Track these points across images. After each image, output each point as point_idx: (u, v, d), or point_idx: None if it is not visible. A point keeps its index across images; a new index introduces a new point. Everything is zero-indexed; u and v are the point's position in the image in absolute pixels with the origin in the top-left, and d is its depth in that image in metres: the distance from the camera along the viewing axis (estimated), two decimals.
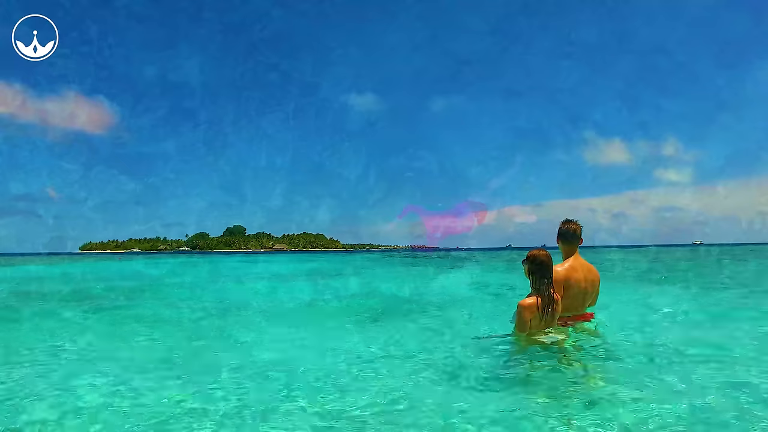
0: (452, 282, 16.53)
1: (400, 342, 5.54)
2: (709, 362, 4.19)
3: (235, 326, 6.71)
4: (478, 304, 8.99)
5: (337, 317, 7.82)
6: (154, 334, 6.02)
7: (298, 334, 6.14)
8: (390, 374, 4.05)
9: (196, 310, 8.63)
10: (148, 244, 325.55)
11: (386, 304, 9.43)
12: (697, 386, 3.53)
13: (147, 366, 4.42)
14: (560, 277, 4.51)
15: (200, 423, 3.03)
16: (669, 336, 5.30)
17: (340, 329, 6.61)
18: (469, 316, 7.32)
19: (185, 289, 12.77)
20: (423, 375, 4.02)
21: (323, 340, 5.81)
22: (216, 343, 5.68)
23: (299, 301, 10.19)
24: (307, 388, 3.67)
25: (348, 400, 3.40)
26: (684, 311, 7.37)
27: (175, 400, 3.39)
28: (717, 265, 22.11)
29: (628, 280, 13.12)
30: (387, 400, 3.31)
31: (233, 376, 4.10)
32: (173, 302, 9.72)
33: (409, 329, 6.35)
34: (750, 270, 18.75)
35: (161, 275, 22.12)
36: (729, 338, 5.22)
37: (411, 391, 3.53)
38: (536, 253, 4.38)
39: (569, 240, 4.76)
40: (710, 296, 9.64)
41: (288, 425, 2.96)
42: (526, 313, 4.22)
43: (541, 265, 4.31)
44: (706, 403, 3.16)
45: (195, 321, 7.51)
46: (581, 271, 4.64)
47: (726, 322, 6.52)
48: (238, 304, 9.44)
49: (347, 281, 17.15)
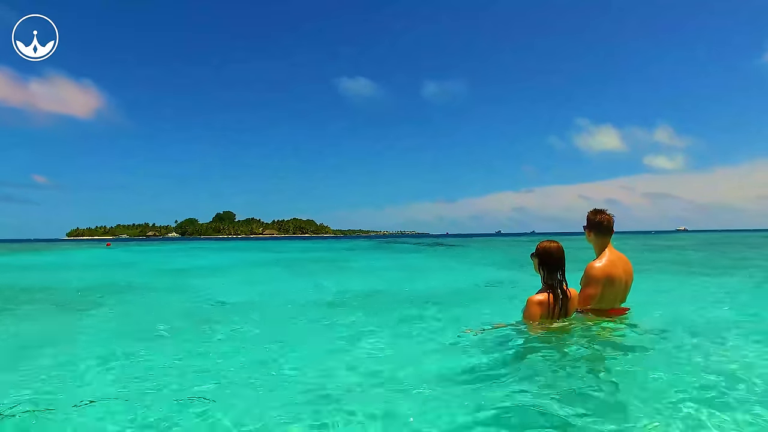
0: (443, 271, 15.88)
1: (381, 335, 5.05)
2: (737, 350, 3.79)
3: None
4: (470, 295, 8.37)
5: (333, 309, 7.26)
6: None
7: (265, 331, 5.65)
8: (374, 372, 3.62)
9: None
10: (137, 230, 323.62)
11: (369, 294, 8.68)
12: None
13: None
14: (600, 274, 4.12)
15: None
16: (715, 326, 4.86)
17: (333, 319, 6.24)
18: (464, 309, 6.80)
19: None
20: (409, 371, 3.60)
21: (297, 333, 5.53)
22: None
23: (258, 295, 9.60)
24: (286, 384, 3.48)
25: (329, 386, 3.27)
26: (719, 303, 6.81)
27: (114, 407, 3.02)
28: (703, 252, 21.98)
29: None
30: (370, 398, 3.07)
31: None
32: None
33: (392, 320, 5.91)
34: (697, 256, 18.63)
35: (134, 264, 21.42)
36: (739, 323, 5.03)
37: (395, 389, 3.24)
38: (547, 245, 4.01)
39: (604, 232, 4.35)
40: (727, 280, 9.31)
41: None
42: (535, 309, 3.85)
43: (553, 258, 3.92)
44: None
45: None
46: (620, 264, 4.27)
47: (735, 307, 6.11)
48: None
49: (338, 272, 16.60)
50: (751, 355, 3.73)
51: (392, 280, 11.92)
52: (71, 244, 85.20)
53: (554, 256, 3.94)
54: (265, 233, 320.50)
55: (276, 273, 16.36)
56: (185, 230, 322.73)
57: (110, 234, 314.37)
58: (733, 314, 5.79)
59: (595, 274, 4.11)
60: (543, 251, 3.97)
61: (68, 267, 21.59)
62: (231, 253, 34.27)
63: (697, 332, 4.47)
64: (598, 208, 4.46)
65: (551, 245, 3.99)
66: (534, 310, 3.84)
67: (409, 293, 8.86)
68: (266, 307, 7.77)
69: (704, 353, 3.74)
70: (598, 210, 4.45)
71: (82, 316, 7.02)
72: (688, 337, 4.26)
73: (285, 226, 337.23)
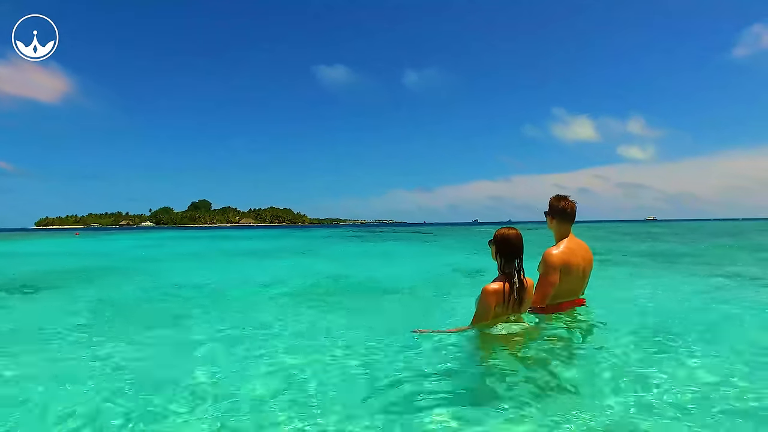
0: (410, 260, 15.34)
1: (320, 332, 4.73)
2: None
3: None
4: (434, 286, 7.95)
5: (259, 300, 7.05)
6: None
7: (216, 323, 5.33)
8: (300, 376, 3.32)
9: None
10: (110, 219, 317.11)
11: (327, 286, 8.46)
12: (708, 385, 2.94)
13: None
14: (558, 261, 3.99)
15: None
16: (663, 323, 4.58)
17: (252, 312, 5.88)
18: (421, 302, 6.50)
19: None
20: (342, 375, 3.33)
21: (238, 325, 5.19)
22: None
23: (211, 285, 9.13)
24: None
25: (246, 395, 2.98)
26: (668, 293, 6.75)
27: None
28: (668, 242, 22.07)
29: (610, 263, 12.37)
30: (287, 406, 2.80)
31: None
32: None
33: (342, 316, 5.55)
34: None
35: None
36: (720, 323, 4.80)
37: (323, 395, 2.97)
38: (505, 232, 3.78)
39: (566, 219, 4.22)
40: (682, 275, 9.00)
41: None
42: (490, 299, 3.58)
43: (511, 246, 3.69)
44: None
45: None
46: (579, 252, 4.13)
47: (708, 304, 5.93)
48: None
49: (297, 259, 16.21)
50: (696, 357, 3.49)
51: (356, 270, 11.58)
52: (39, 234, 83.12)
53: (512, 244, 3.70)
54: (242, 222, 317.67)
55: (234, 262, 15.98)
56: (160, 219, 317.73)
57: (81, 223, 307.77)
58: (691, 310, 5.55)
59: (553, 261, 3.98)
60: (501, 238, 3.75)
61: (23, 255, 20.84)
62: (199, 242, 33.98)
63: (651, 330, 4.26)
64: (562, 195, 4.33)
65: (509, 232, 3.76)
66: (489, 299, 3.59)
67: (370, 284, 8.52)
68: (211, 297, 7.46)
69: (650, 354, 3.61)
70: (561, 196, 4.31)
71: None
72: (640, 336, 4.04)
73: (262, 214, 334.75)
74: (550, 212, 4.28)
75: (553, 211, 4.26)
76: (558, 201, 4.26)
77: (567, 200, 4.26)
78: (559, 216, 4.22)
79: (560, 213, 4.21)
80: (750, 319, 4.97)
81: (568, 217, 4.21)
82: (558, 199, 4.28)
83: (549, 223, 4.32)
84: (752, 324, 4.82)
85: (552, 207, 4.28)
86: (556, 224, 4.24)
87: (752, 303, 5.76)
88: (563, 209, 4.21)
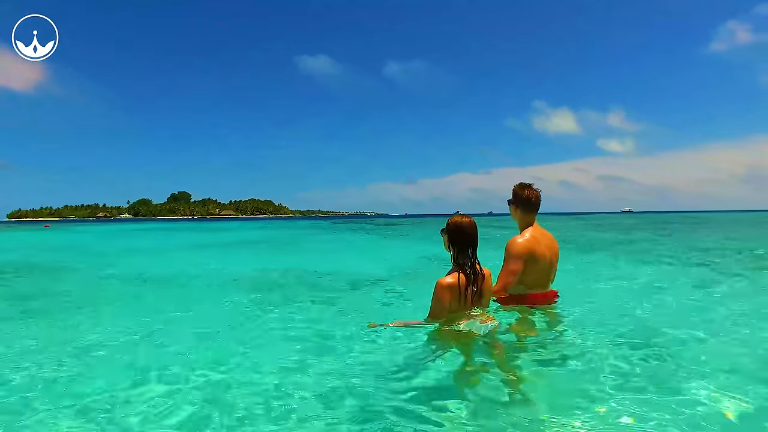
0: (381, 253, 14.67)
1: (269, 329, 4.47)
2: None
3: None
4: (399, 280, 7.62)
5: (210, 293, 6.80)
6: None
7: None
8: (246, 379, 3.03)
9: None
10: (86, 211, 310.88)
11: (286, 279, 8.00)
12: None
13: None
14: (522, 251, 3.84)
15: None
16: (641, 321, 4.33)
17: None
18: (383, 295, 6.18)
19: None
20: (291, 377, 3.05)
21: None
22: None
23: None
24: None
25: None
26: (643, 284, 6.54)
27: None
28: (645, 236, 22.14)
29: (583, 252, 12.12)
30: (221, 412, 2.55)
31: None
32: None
33: (299, 312, 5.23)
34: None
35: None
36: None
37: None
38: (458, 219, 3.55)
39: (530, 209, 4.08)
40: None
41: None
42: (444, 293, 3.31)
43: (465, 234, 3.48)
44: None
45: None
46: (544, 241, 4.00)
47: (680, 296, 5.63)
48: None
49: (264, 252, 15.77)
50: (684, 358, 3.20)
51: (322, 261, 11.45)
52: (8, 226, 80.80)
53: (466, 232, 3.48)
54: (223, 214, 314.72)
55: (202, 254, 15.59)
56: (138, 211, 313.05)
57: (57, 215, 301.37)
58: (670, 304, 5.28)
59: (517, 250, 3.85)
60: (454, 227, 3.53)
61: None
62: (173, 234, 33.45)
63: (628, 328, 3.97)
64: (525, 183, 4.17)
65: (463, 220, 3.54)
66: (443, 294, 3.31)
67: (333, 277, 8.29)
68: (169, 289, 7.31)
69: (628, 355, 3.30)
70: (525, 184, 4.16)
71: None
72: (617, 335, 3.78)
73: (242, 206, 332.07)
74: (514, 201, 4.14)
75: (516, 199, 4.12)
76: (522, 189, 4.12)
77: (531, 189, 4.12)
78: (523, 205, 4.08)
79: (524, 202, 4.08)
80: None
81: (532, 207, 4.08)
82: (522, 187, 4.14)
83: (513, 212, 4.19)
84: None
85: (516, 196, 4.14)
86: (520, 213, 4.11)
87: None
88: (527, 198, 4.07)
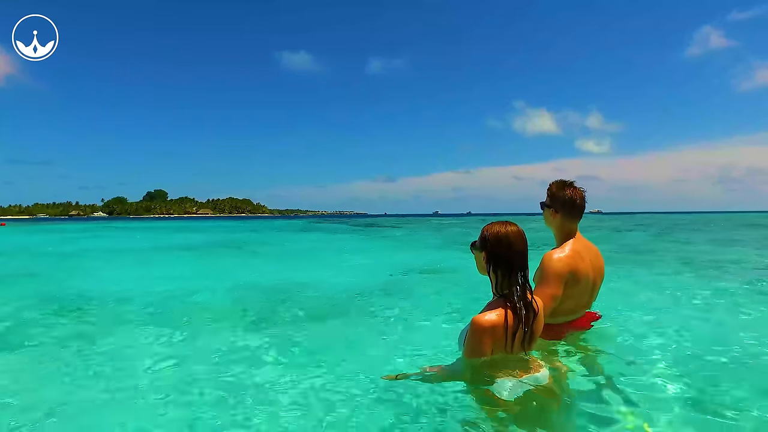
0: (369, 262, 12.34)
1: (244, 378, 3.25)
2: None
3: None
4: (403, 299, 6.14)
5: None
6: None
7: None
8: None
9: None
10: (58, 209, 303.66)
11: (252, 296, 6.67)
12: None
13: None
14: (564, 269, 2.94)
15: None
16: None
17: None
18: (385, 326, 4.76)
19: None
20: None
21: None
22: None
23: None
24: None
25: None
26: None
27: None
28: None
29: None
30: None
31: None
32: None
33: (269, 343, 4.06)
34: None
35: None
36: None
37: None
38: (500, 229, 2.39)
39: (574, 213, 3.15)
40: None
41: None
42: (485, 337, 2.27)
43: (512, 251, 2.36)
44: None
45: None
46: (588, 257, 3.11)
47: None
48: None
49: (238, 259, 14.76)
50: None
51: (290, 270, 10.22)
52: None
53: (514, 249, 2.36)
54: (200, 213, 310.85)
55: (163, 259, 14.33)
56: (113, 210, 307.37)
57: (27, 213, 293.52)
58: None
59: (557, 269, 2.93)
60: (495, 240, 2.39)
61: None
62: (141, 234, 31.76)
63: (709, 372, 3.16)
64: (566, 180, 3.23)
65: (508, 229, 2.40)
66: (483, 338, 2.27)
67: (310, 291, 6.93)
68: (110, 301, 6.35)
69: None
70: (566, 182, 3.21)
71: None
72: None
73: (220, 205, 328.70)
74: (552, 203, 3.19)
75: (556, 202, 3.17)
76: (563, 189, 3.18)
77: (574, 188, 3.18)
78: (567, 209, 3.14)
79: (568, 205, 3.13)
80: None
81: (576, 211, 3.16)
82: (562, 186, 3.20)
83: (549, 219, 3.24)
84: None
85: (554, 197, 3.18)
86: (560, 220, 3.17)
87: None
88: (571, 200, 3.13)
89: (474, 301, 5.04)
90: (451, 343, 3.45)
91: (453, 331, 3.79)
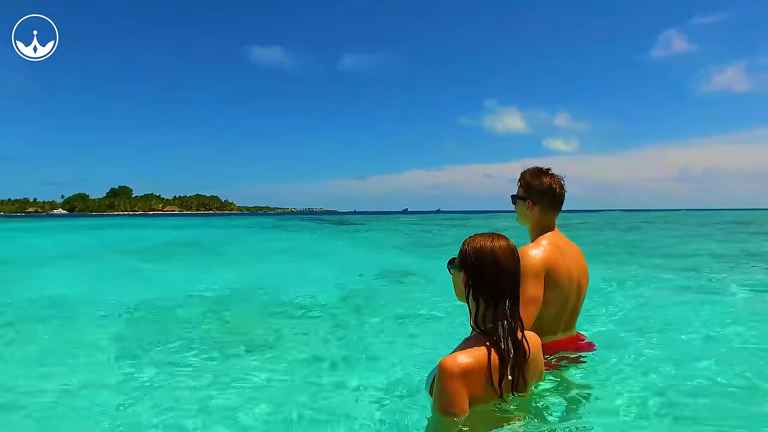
0: (337, 266, 11.61)
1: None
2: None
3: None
4: (350, 306, 5.71)
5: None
6: None
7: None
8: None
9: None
10: (13, 206, 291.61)
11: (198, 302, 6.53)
12: None
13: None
14: (540, 264, 2.48)
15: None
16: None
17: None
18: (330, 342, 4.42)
19: None
20: None
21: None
22: None
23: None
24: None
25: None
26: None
27: None
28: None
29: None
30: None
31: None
32: None
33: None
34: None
35: None
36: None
37: None
38: (486, 244, 1.86)
39: (553, 204, 2.72)
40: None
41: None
42: (457, 386, 1.71)
43: (499, 271, 1.83)
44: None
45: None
46: (569, 254, 2.66)
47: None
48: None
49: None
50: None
51: (253, 277, 9.73)
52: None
53: (503, 268, 1.83)
54: (166, 210, 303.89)
55: (109, 262, 13.90)
56: (74, 206, 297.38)
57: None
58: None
59: (532, 265, 2.45)
60: (477, 257, 1.85)
61: None
62: (89, 232, 30.99)
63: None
64: (541, 167, 2.80)
65: (495, 244, 1.86)
66: (456, 389, 1.71)
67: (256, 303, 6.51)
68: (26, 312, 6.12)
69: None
70: (541, 170, 2.77)
71: None
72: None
73: (187, 202, 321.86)
74: (528, 195, 2.73)
75: (532, 192, 2.72)
76: (538, 177, 2.73)
77: (551, 175, 2.74)
78: (545, 199, 2.70)
79: (545, 195, 2.70)
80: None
81: (555, 202, 2.72)
82: (537, 174, 2.75)
83: (525, 212, 2.76)
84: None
85: (530, 187, 2.73)
86: (537, 213, 2.71)
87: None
88: (549, 189, 2.70)
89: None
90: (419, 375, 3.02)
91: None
